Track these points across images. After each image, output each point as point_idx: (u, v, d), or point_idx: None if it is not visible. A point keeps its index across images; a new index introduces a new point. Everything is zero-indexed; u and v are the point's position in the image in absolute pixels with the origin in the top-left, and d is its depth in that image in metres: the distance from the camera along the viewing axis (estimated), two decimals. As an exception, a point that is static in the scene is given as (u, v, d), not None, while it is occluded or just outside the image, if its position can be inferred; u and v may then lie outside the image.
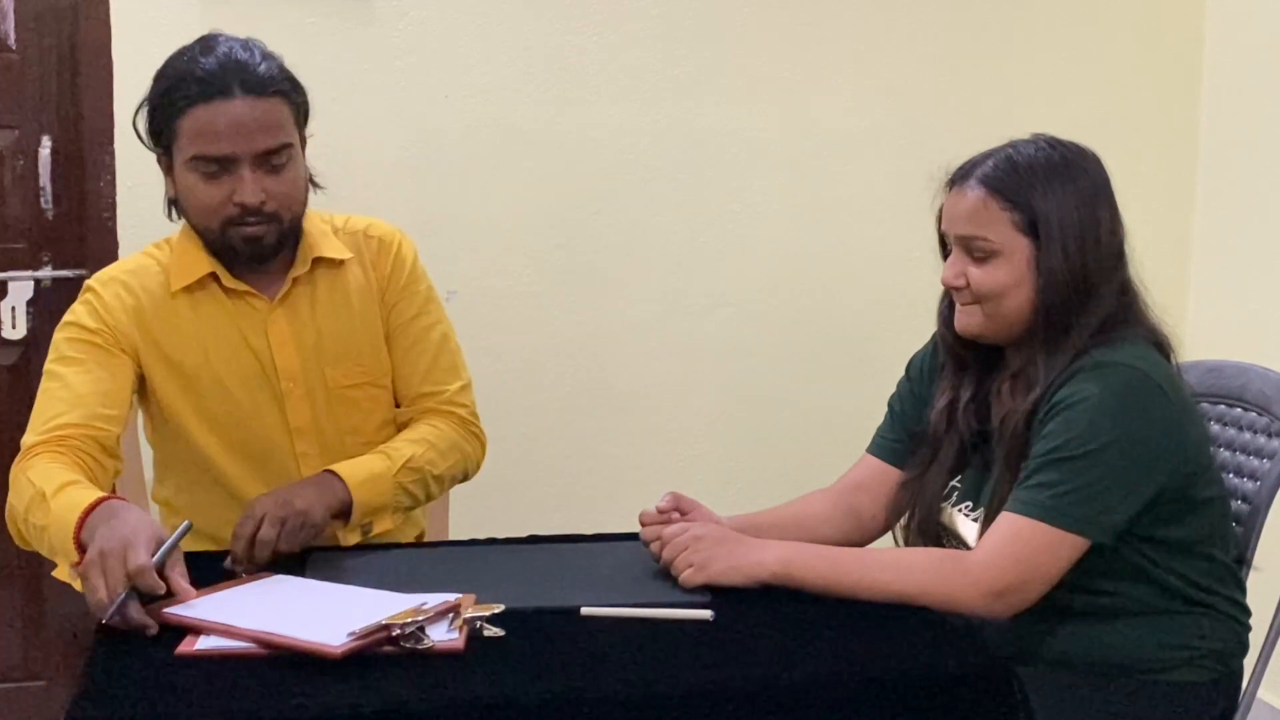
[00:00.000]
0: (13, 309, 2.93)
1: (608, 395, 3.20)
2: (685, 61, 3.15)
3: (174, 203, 2.17)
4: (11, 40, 2.90)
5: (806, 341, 3.27)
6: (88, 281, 2.19)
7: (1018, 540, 1.83)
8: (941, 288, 2.06)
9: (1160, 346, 1.95)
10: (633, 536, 2.02)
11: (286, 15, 2.90)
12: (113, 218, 2.89)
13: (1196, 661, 1.94)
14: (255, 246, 2.10)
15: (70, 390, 2.08)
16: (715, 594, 1.81)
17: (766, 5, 3.17)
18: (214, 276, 2.15)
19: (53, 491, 1.91)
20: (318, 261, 2.19)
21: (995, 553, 1.83)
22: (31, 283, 2.94)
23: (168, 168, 2.14)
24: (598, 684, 1.56)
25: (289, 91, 2.11)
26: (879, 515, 2.15)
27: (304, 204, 2.16)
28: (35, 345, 2.97)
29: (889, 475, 2.15)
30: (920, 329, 2.23)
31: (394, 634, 1.61)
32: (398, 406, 2.28)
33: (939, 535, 2.06)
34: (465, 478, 2.29)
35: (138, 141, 2.06)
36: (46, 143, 2.91)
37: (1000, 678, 1.63)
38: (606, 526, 2.19)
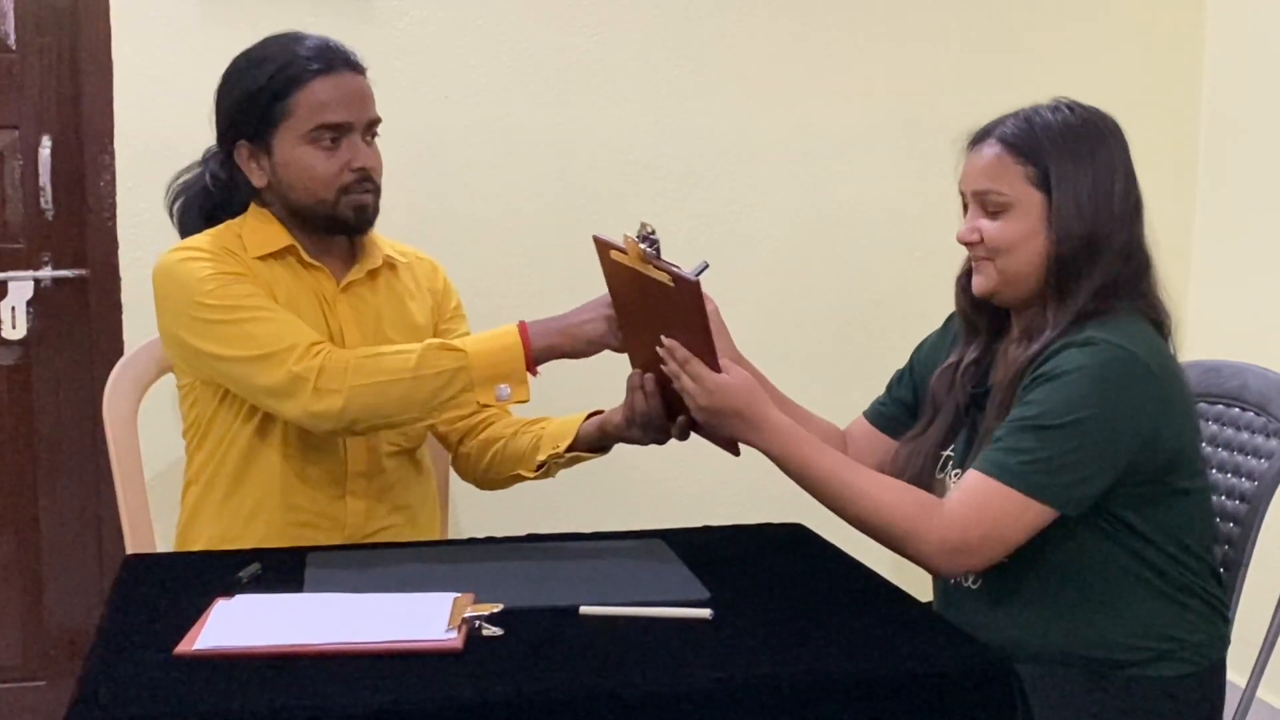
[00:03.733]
0: (13, 309, 2.93)
1: (608, 395, 3.19)
2: (685, 61, 3.15)
3: (256, 191, 2.23)
4: (11, 40, 2.89)
5: (806, 341, 3.26)
6: (184, 254, 2.19)
7: (979, 498, 1.85)
8: (955, 274, 2.08)
9: (1159, 325, 1.96)
10: (633, 536, 2.02)
11: (286, 15, 2.89)
12: (113, 218, 2.89)
13: (1176, 655, 1.94)
14: (362, 215, 2.22)
15: (290, 318, 2.14)
16: (715, 594, 1.82)
17: (766, 5, 3.17)
18: (289, 251, 2.24)
19: (423, 347, 2.08)
20: (380, 264, 2.31)
21: (959, 508, 1.86)
22: (31, 283, 2.94)
23: (251, 154, 2.20)
24: (597, 684, 1.56)
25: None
26: None
27: None
28: (35, 345, 2.97)
29: (875, 438, 2.22)
30: (920, 328, 2.24)
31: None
32: None
33: None
34: None
35: (138, 141, 2.06)
36: (46, 143, 2.91)
37: (1000, 677, 1.63)
38: (606, 526, 2.19)
